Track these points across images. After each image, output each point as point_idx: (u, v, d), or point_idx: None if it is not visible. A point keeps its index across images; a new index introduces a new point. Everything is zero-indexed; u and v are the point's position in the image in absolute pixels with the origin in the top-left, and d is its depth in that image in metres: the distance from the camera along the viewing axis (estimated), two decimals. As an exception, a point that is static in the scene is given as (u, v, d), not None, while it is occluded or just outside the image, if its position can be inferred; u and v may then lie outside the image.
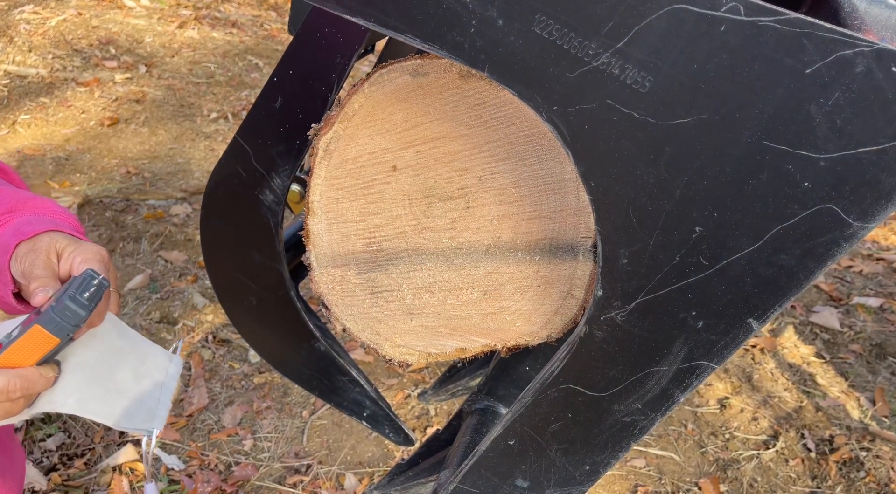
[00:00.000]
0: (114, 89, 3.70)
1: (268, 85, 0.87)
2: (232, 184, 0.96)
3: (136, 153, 3.22)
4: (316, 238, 0.67)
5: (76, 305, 0.59)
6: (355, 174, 0.65)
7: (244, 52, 4.51)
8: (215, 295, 1.11)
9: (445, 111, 0.60)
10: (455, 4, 0.45)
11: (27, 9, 4.40)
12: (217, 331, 2.20)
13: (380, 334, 0.66)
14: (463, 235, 0.62)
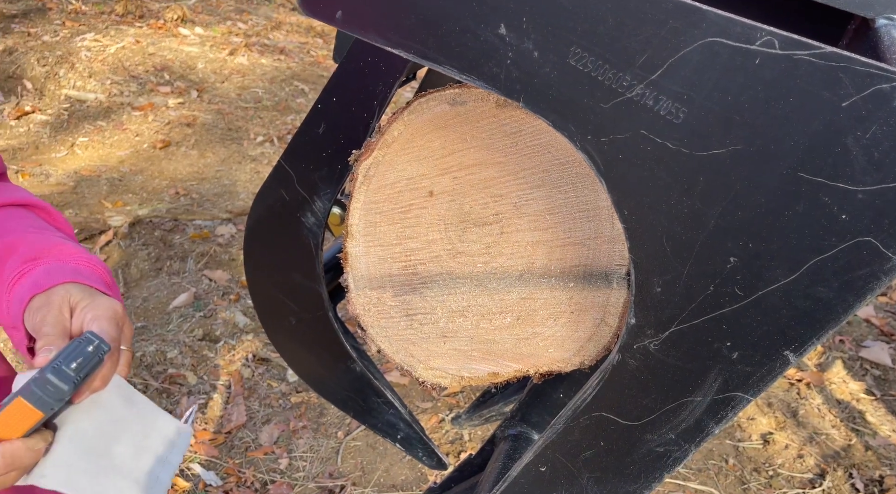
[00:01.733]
0: (167, 113, 3.85)
1: (312, 111, 0.90)
2: (275, 206, 0.99)
3: (186, 175, 3.33)
4: (354, 260, 0.68)
5: (58, 378, 0.57)
6: (393, 199, 0.66)
7: (291, 77, 4.65)
8: (256, 313, 1.13)
9: (482, 139, 0.61)
10: (492, 38, 0.47)
11: (88, 36, 4.63)
12: (257, 350, 2.24)
13: (414, 356, 0.67)
14: (497, 260, 0.62)
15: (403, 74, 0.85)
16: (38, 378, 0.57)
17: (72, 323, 0.64)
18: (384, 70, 0.84)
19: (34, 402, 0.57)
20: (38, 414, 0.57)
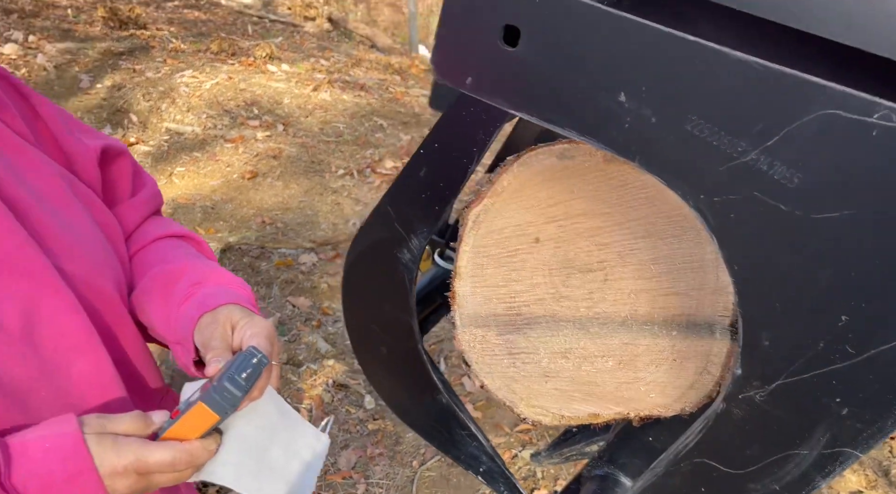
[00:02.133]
0: (255, 146, 4.08)
1: (414, 156, 0.97)
2: (374, 242, 1.06)
3: (271, 204, 3.51)
4: (461, 299, 0.73)
5: (233, 386, 0.65)
6: (500, 244, 0.71)
7: (370, 113, 4.83)
8: (349, 341, 1.20)
9: (589, 190, 0.65)
10: (612, 104, 0.51)
11: (187, 73, 4.98)
12: (337, 376, 2.32)
13: (516, 393, 0.70)
14: (600, 306, 0.66)
15: (503, 123, 0.91)
16: (216, 386, 0.65)
17: (233, 338, 0.74)
18: (485, 119, 0.89)
19: (213, 407, 0.65)
20: (215, 418, 0.66)
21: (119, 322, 0.80)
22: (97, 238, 0.79)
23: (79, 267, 0.74)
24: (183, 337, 0.77)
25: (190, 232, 0.94)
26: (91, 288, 0.75)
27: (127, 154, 0.93)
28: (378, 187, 3.85)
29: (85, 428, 0.63)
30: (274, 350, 0.75)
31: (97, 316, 0.76)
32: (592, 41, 0.50)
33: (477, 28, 0.54)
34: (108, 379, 0.75)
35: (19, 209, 0.72)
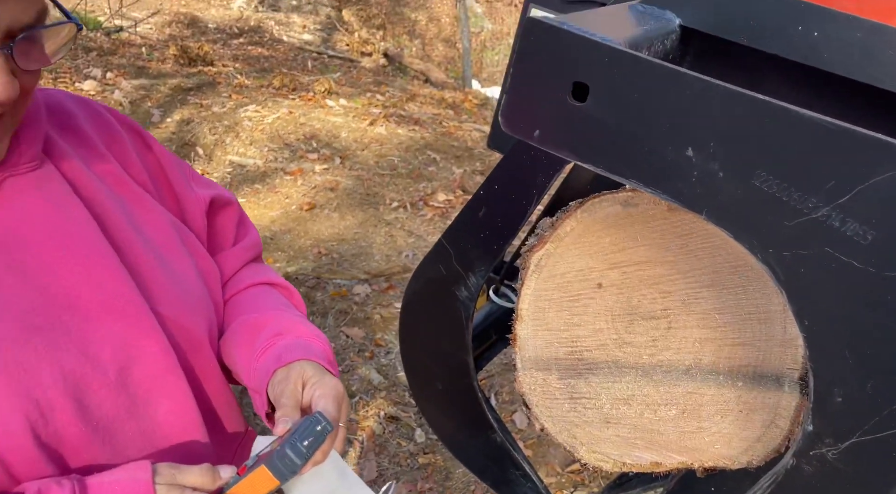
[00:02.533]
0: (313, 178, 4.21)
1: (474, 197, 0.99)
2: (433, 279, 1.08)
3: (327, 236, 3.60)
4: (522, 342, 0.74)
5: (294, 453, 0.67)
6: (562, 288, 0.72)
7: (424, 147, 4.92)
8: (405, 375, 1.21)
9: (652, 238, 0.65)
10: (679, 158, 0.52)
11: (250, 108, 5.19)
12: (388, 408, 2.34)
13: (576, 438, 0.70)
14: (663, 353, 0.66)
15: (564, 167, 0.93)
16: (278, 451, 0.68)
17: (303, 396, 0.76)
18: (546, 163, 0.91)
19: (274, 473, 0.67)
20: (275, 483, 0.68)
21: (205, 366, 0.83)
22: (196, 284, 0.84)
23: (174, 312, 0.79)
24: (259, 387, 0.81)
25: (282, 280, 0.98)
26: (183, 332, 0.79)
27: (234, 204, 0.99)
28: (430, 220, 3.90)
29: (157, 478, 0.66)
30: (342, 412, 0.77)
31: (185, 359, 0.80)
32: (659, 98, 0.51)
33: (546, 84, 0.56)
34: (190, 421, 0.78)
35: (128, 253, 0.76)
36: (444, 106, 6.24)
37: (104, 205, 0.77)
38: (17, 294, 0.69)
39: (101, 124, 0.84)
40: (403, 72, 8.00)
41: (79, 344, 0.71)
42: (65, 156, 0.76)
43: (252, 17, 8.87)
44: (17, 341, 0.67)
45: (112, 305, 0.73)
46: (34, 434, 0.66)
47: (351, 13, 9.92)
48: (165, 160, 0.89)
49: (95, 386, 0.71)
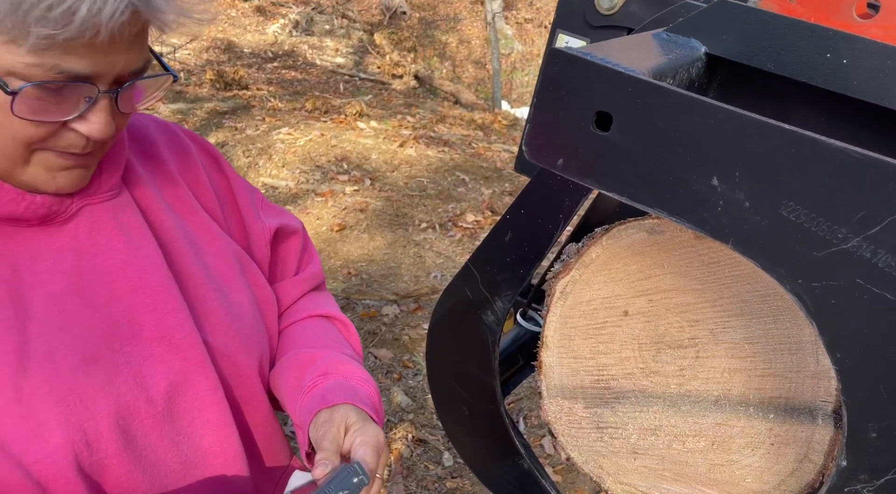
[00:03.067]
0: (344, 199, 4.26)
1: (501, 221, 0.99)
2: (459, 303, 1.08)
3: (357, 256, 3.63)
4: (548, 369, 0.73)
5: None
6: (588, 315, 0.71)
7: (453, 168, 4.95)
8: (432, 399, 1.21)
9: (679, 266, 0.65)
10: (704, 188, 0.52)
11: (283, 131, 5.30)
12: (416, 431, 2.33)
13: (603, 468, 0.69)
14: (691, 383, 0.65)
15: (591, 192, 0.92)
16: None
17: (344, 441, 0.77)
18: (572, 188, 0.91)
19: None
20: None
21: (253, 399, 0.85)
22: (251, 316, 0.86)
23: (226, 344, 0.80)
24: (302, 425, 0.82)
25: (340, 313, 0.99)
26: (232, 365, 0.81)
27: (299, 233, 1.01)
28: (459, 240, 3.91)
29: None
30: (381, 461, 0.77)
31: (232, 392, 0.81)
32: (684, 128, 0.51)
33: (570, 113, 0.57)
34: (232, 454, 0.79)
35: (188, 284, 0.79)
36: (474, 127, 6.28)
37: (171, 233, 0.79)
38: (84, 321, 0.70)
39: (178, 150, 0.87)
40: (434, 93, 8.08)
41: (136, 374, 0.72)
42: (140, 183, 0.79)
43: (286, 41, 9.09)
44: (75, 370, 0.68)
45: (171, 338, 0.75)
46: (77, 463, 0.67)
47: (383, 36, 10.09)
48: (237, 186, 0.92)
49: (144, 417, 0.72)
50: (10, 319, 0.66)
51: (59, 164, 0.67)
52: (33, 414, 0.66)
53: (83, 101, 0.64)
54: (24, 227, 0.70)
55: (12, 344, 0.66)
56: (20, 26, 0.57)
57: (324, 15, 10.10)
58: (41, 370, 0.67)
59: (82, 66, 0.61)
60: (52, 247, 0.71)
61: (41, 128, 0.63)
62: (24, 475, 0.64)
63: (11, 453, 0.64)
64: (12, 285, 0.68)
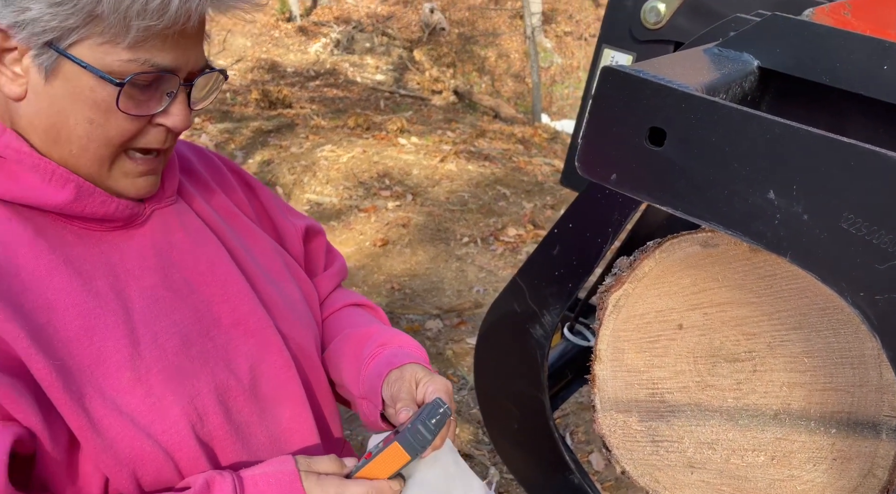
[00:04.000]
0: (386, 215, 4.32)
1: (548, 235, 1.00)
2: (507, 317, 1.09)
3: (400, 271, 3.66)
4: (601, 383, 0.74)
5: (425, 429, 0.72)
6: (641, 329, 0.71)
7: (494, 182, 4.97)
8: (481, 414, 1.22)
9: (734, 279, 0.65)
10: (761, 201, 0.52)
11: (326, 148, 5.40)
12: (462, 446, 2.33)
13: (659, 482, 0.69)
14: (749, 397, 0.64)
15: (641, 206, 0.93)
16: (410, 428, 0.73)
17: (417, 392, 0.83)
18: (621, 202, 0.92)
19: (406, 448, 0.72)
20: (407, 458, 0.72)
21: (316, 376, 0.93)
22: (302, 304, 0.94)
23: (289, 329, 0.88)
24: (370, 391, 0.88)
25: (368, 301, 1.09)
26: (297, 346, 0.89)
27: (323, 233, 1.10)
28: (501, 255, 3.92)
29: (298, 465, 0.74)
30: (451, 406, 0.83)
31: (301, 370, 0.88)
32: (738, 142, 0.52)
33: (623, 129, 0.58)
34: (308, 426, 0.86)
35: (249, 277, 0.87)
36: (514, 141, 6.29)
37: (225, 235, 0.88)
38: (175, 311, 0.78)
39: (211, 167, 0.96)
40: (473, 108, 8.14)
41: (223, 356, 0.80)
42: (190, 194, 0.88)
43: (328, 60, 9.29)
44: (178, 352, 0.76)
45: (246, 323, 0.83)
46: (194, 433, 0.74)
47: (422, 53, 10.23)
48: (265, 196, 1.01)
49: (236, 394, 0.79)
50: (118, 311, 0.73)
51: (135, 170, 0.75)
52: (153, 392, 0.72)
53: (165, 97, 0.71)
54: (111, 230, 0.77)
55: (124, 331, 0.73)
56: (121, 22, 0.63)
57: (364, 33, 10.30)
58: (150, 353, 0.74)
59: (169, 60, 0.68)
60: (136, 246, 0.78)
61: (134, 123, 0.71)
62: (155, 445, 0.71)
63: (141, 426, 0.71)
64: (112, 281, 0.74)
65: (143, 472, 0.71)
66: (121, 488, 0.71)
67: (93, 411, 0.68)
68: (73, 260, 0.73)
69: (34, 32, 0.63)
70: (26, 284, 0.69)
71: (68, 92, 0.67)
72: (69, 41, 0.64)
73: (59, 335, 0.69)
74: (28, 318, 0.67)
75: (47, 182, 0.70)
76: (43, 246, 0.71)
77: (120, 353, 0.71)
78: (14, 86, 0.68)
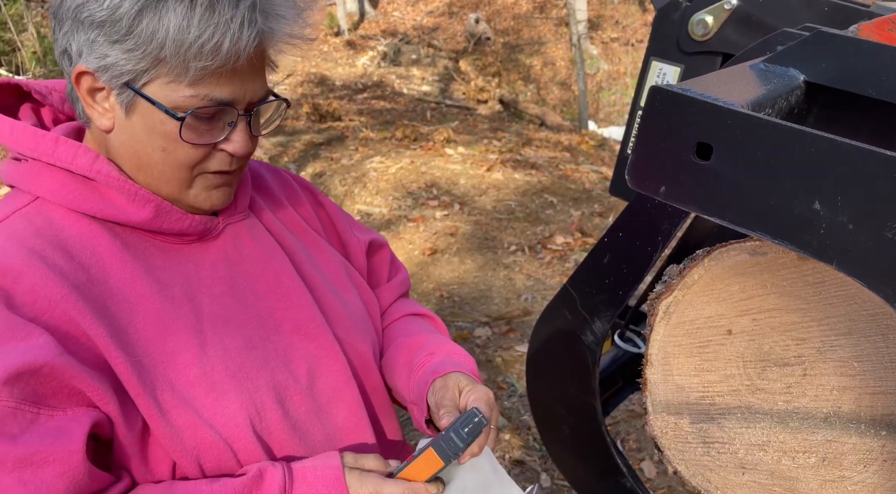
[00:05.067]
0: (434, 224, 4.38)
1: (598, 244, 1.03)
2: (558, 324, 1.12)
3: (448, 279, 3.72)
4: (652, 386, 0.76)
5: (457, 437, 0.77)
6: (691, 334, 0.74)
7: (541, 190, 4.98)
8: (533, 419, 1.25)
9: (783, 286, 0.67)
10: (806, 212, 0.54)
11: (375, 160, 5.52)
12: (512, 451, 2.36)
13: (711, 482, 0.72)
14: (799, 401, 0.66)
15: (690, 215, 0.95)
16: (443, 435, 0.77)
17: (460, 400, 0.88)
18: (671, 211, 0.94)
19: (439, 453, 0.77)
20: (440, 463, 0.77)
21: (372, 380, 0.98)
22: (362, 313, 1.01)
23: (347, 335, 0.94)
24: (418, 397, 0.93)
25: (428, 311, 1.15)
26: (355, 351, 0.95)
27: (387, 246, 1.17)
28: (549, 263, 3.93)
29: (344, 460, 0.80)
30: (493, 415, 0.88)
31: (357, 374, 0.94)
32: (783, 156, 0.54)
33: (671, 144, 0.61)
34: (362, 427, 0.92)
35: (311, 286, 0.93)
36: (561, 148, 6.28)
37: (291, 247, 0.95)
38: (240, 316, 0.85)
39: (282, 183, 1.04)
40: (519, 117, 8.16)
41: (283, 358, 0.86)
42: (260, 208, 0.95)
43: (375, 72, 9.47)
44: (240, 353, 0.83)
45: (306, 329, 0.89)
46: (252, 427, 0.81)
47: (467, 63, 10.32)
48: (331, 210, 1.08)
49: (293, 393, 0.86)
50: (189, 315, 0.81)
51: (213, 183, 0.82)
52: (216, 387, 0.80)
53: (226, 127, 0.79)
54: (187, 243, 0.85)
55: (193, 332, 0.81)
56: (182, 64, 0.71)
57: (410, 45, 10.46)
58: (216, 352, 0.81)
59: (226, 93, 0.76)
60: (209, 258, 0.86)
61: (199, 151, 0.78)
62: (216, 434, 0.78)
63: (204, 417, 0.78)
64: (186, 289, 0.83)
65: (206, 459, 0.79)
66: (186, 472, 0.79)
67: (163, 402, 0.76)
68: (154, 269, 0.81)
69: (114, 75, 0.73)
70: (113, 290, 0.78)
71: (144, 125, 0.76)
72: (142, 81, 0.73)
73: (138, 335, 0.78)
74: (112, 320, 0.76)
75: (131, 201, 0.79)
76: (128, 257, 0.80)
77: (189, 352, 0.79)
78: (104, 120, 0.77)
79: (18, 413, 0.68)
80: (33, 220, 0.77)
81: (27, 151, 0.78)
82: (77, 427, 0.71)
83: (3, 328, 0.70)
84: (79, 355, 0.73)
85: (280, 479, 0.77)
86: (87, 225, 0.79)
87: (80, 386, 0.72)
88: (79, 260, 0.77)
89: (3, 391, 0.68)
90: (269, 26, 0.74)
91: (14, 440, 0.68)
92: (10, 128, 0.79)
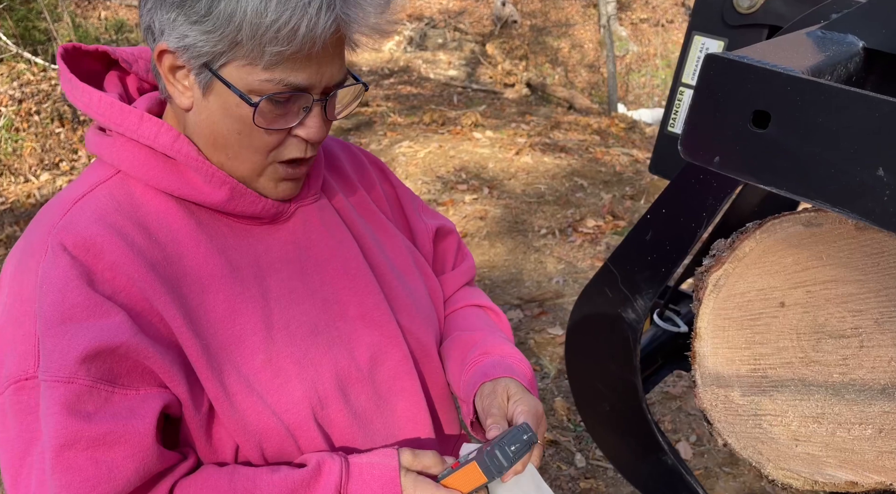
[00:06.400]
0: (464, 208, 4.38)
1: (641, 221, 1.03)
2: (598, 302, 1.12)
3: (479, 263, 3.72)
4: (701, 359, 0.76)
5: (502, 455, 0.74)
6: (742, 307, 0.73)
7: (571, 174, 4.94)
8: (573, 397, 1.25)
9: (839, 257, 0.66)
10: (869, 179, 0.53)
11: (404, 144, 5.52)
12: (547, 432, 2.37)
13: (762, 454, 0.71)
14: (856, 372, 0.66)
15: (736, 190, 0.94)
16: (489, 451, 0.75)
17: (508, 409, 0.85)
18: (716, 185, 0.93)
19: (483, 470, 0.75)
20: (483, 480, 0.75)
21: (433, 371, 0.96)
22: (427, 300, 0.99)
23: (411, 323, 0.93)
24: (466, 396, 0.92)
25: (492, 304, 1.11)
26: (417, 340, 0.93)
27: (454, 233, 1.14)
28: (580, 246, 3.91)
29: (401, 458, 0.79)
30: (540, 430, 0.84)
31: (418, 365, 0.93)
32: (845, 121, 0.53)
33: (726, 113, 0.60)
34: (421, 418, 0.91)
35: (378, 272, 0.92)
36: (590, 131, 6.22)
37: (360, 231, 0.94)
38: (307, 300, 0.85)
39: (356, 164, 1.02)
40: (547, 100, 8.08)
41: (347, 346, 0.86)
42: (332, 190, 0.94)
43: (401, 57, 9.45)
44: (306, 339, 0.83)
45: (370, 316, 0.89)
46: (313, 414, 0.81)
47: (494, 46, 10.23)
48: (402, 193, 1.07)
49: (355, 381, 0.85)
50: (257, 297, 0.81)
51: (282, 175, 0.82)
52: (281, 373, 0.80)
53: (301, 111, 0.77)
54: (258, 225, 0.85)
55: (260, 315, 0.81)
56: (258, 48, 0.70)
57: (437, 29, 10.40)
58: (282, 337, 0.81)
59: (302, 79, 0.74)
60: (279, 241, 0.86)
61: (273, 136, 0.77)
62: (278, 421, 0.79)
63: (267, 402, 0.78)
64: (255, 271, 0.83)
65: (268, 444, 0.79)
66: (248, 455, 0.79)
67: (229, 385, 0.77)
68: (226, 250, 0.81)
69: (193, 55, 0.73)
70: (186, 270, 0.78)
71: (220, 107, 0.76)
72: (220, 63, 0.73)
73: (207, 315, 0.78)
74: (184, 300, 0.77)
75: (208, 182, 0.79)
76: (202, 236, 0.80)
77: (256, 336, 0.80)
78: (184, 99, 0.77)
79: (94, 392, 0.69)
80: (115, 194, 0.78)
81: (113, 125, 0.78)
82: (148, 408, 0.72)
83: (82, 304, 0.71)
84: (152, 335, 0.73)
85: (337, 473, 0.77)
86: (165, 202, 0.79)
87: (153, 367, 0.72)
88: (156, 237, 0.77)
89: (80, 369, 0.69)
90: (347, 13, 0.71)
91: (89, 419, 0.68)
92: (97, 100, 0.79)
